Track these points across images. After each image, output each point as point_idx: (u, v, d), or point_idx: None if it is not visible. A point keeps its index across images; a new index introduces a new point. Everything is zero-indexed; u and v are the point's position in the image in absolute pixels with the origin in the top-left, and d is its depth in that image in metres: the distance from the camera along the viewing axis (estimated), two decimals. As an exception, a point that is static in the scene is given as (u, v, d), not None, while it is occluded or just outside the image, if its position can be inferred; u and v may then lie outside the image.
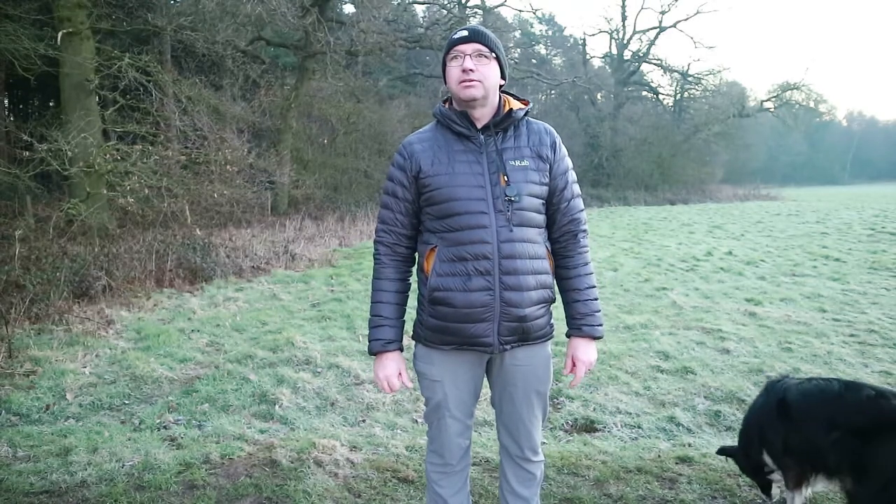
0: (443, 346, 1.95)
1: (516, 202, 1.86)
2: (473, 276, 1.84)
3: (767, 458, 2.53)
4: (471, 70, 1.83)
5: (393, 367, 1.99)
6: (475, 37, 1.86)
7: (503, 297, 1.85)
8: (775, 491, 2.69)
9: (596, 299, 2.02)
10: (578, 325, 2.01)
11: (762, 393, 2.64)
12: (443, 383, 1.99)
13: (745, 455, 2.64)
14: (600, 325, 2.02)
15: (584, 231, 2.04)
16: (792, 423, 2.43)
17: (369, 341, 2.00)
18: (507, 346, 1.92)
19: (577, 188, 2.04)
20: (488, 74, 1.87)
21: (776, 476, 2.62)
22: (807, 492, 2.51)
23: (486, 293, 1.85)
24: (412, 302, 2.03)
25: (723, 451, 2.81)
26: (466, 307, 1.85)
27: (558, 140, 2.00)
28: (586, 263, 2.03)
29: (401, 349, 2.02)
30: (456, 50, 1.87)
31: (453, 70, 1.87)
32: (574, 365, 2.02)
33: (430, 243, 1.92)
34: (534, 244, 1.91)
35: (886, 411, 2.24)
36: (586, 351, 2.02)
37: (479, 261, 1.84)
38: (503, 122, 1.91)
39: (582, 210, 2.05)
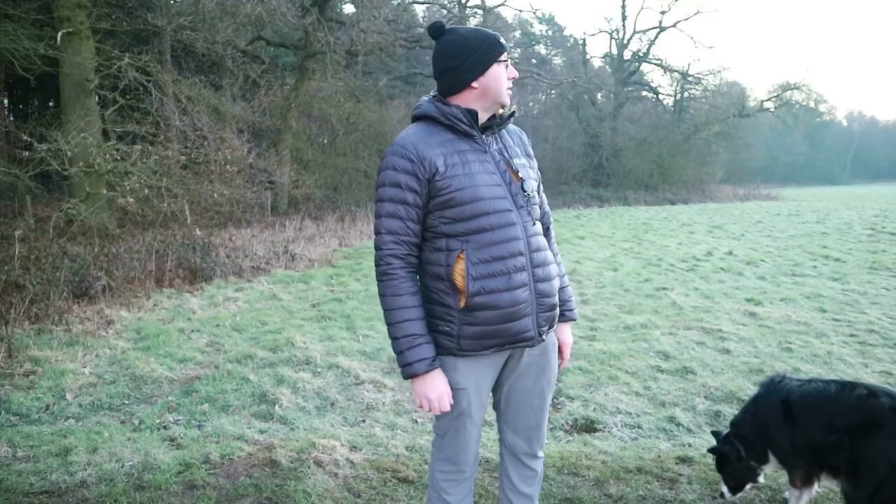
0: (483, 351, 1.88)
1: (532, 197, 1.93)
2: (514, 274, 1.84)
3: (772, 457, 2.55)
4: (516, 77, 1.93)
5: (444, 385, 1.85)
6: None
7: (537, 289, 1.89)
8: (739, 494, 2.71)
9: (568, 285, 2.17)
10: (562, 311, 2.12)
11: (763, 393, 2.61)
12: (468, 391, 1.92)
13: (739, 459, 2.60)
14: (575, 308, 2.21)
15: (552, 222, 2.18)
16: (795, 424, 2.44)
17: (408, 364, 1.82)
18: (543, 337, 1.96)
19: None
20: None
21: (760, 479, 2.65)
22: (814, 490, 2.53)
23: (525, 288, 1.86)
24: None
25: (714, 451, 2.73)
26: (511, 306, 1.83)
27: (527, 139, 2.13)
28: (557, 253, 2.14)
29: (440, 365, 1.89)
30: (506, 55, 1.91)
31: (503, 75, 1.90)
32: (561, 350, 2.15)
33: (454, 249, 1.82)
34: (544, 236, 2.02)
35: (875, 410, 2.26)
36: (568, 333, 2.19)
37: (516, 257, 1.84)
38: (505, 122, 1.96)
39: (546, 203, 2.17)
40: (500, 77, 1.88)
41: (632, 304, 6.93)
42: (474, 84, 1.86)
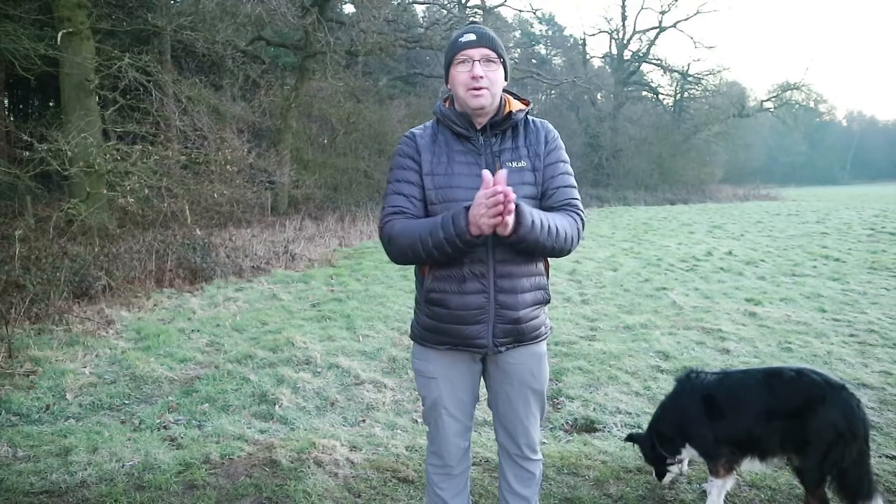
0: (438, 345, 1.95)
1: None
2: (468, 279, 1.84)
3: (690, 452, 2.68)
4: (480, 77, 1.79)
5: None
6: (484, 41, 1.81)
7: (497, 299, 1.85)
8: (667, 479, 2.85)
9: (547, 222, 1.75)
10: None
11: (680, 390, 2.74)
12: (438, 380, 2.00)
13: (653, 448, 2.78)
14: (530, 216, 1.70)
15: (580, 215, 1.89)
16: (722, 417, 2.55)
17: (452, 224, 1.66)
18: (503, 348, 1.92)
19: (571, 179, 1.95)
20: (496, 80, 1.84)
21: (675, 468, 2.82)
22: (734, 477, 2.66)
23: (481, 296, 1.85)
24: (409, 301, 2.03)
25: (630, 439, 2.96)
26: (461, 309, 1.86)
27: (553, 133, 1.96)
28: (564, 218, 1.83)
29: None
30: (464, 54, 1.81)
31: (461, 75, 1.82)
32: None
33: None
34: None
35: (805, 387, 2.43)
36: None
37: (475, 264, 1.83)
38: (502, 123, 1.90)
39: (577, 199, 1.92)
40: (458, 80, 1.83)
41: (632, 304, 6.93)
42: (448, 87, 1.90)
